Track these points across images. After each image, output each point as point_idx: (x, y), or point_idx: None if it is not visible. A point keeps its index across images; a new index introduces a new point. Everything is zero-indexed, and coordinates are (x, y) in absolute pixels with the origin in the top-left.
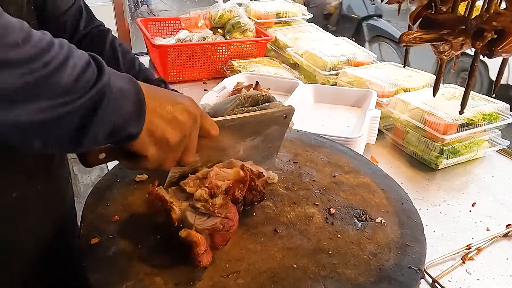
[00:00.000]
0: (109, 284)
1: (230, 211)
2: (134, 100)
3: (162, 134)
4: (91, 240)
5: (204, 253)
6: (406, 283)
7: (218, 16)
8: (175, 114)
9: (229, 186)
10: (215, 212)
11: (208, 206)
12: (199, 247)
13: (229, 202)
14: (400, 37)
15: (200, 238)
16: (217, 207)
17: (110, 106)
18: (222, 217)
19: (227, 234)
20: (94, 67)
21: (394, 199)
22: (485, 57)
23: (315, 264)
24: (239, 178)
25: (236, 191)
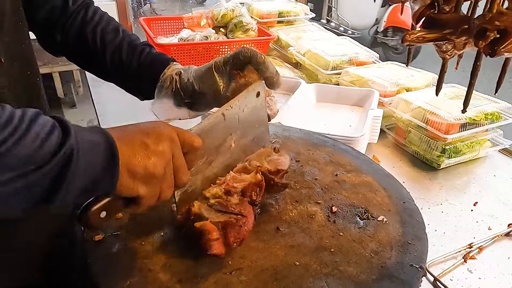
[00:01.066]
0: (113, 280)
1: (245, 209)
2: (105, 154)
3: (145, 170)
4: (95, 237)
5: (215, 241)
6: (408, 281)
7: (221, 15)
8: (150, 145)
9: (246, 187)
10: (229, 206)
11: (222, 202)
12: (211, 233)
13: (245, 202)
14: (404, 36)
15: (213, 228)
16: (231, 203)
17: (79, 167)
18: (236, 213)
19: (241, 230)
20: (59, 131)
21: (396, 198)
22: (488, 56)
23: (317, 262)
24: (255, 181)
25: (253, 194)
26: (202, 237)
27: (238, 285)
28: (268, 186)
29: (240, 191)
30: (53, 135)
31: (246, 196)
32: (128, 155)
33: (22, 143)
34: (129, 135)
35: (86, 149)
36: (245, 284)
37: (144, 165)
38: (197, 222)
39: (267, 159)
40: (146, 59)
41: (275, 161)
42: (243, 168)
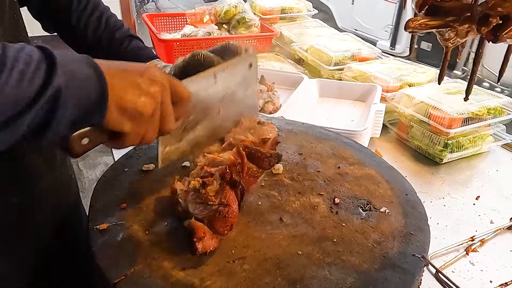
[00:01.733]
0: (117, 268)
1: (226, 197)
2: (94, 89)
3: (134, 108)
4: (99, 226)
5: (200, 240)
6: (410, 270)
7: (224, 11)
8: (142, 85)
9: (224, 171)
10: (208, 200)
11: (201, 196)
12: (196, 234)
13: (224, 188)
14: (406, 23)
15: (198, 226)
16: (210, 195)
17: (66, 105)
18: (217, 204)
19: (227, 220)
20: (44, 69)
21: (398, 190)
22: (490, 42)
23: (320, 252)
24: (231, 163)
25: (233, 175)
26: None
27: (241, 273)
28: (257, 160)
29: (218, 176)
30: (39, 72)
31: (226, 178)
32: (118, 90)
33: (8, 84)
34: (121, 71)
35: (74, 86)
36: (248, 272)
37: (134, 102)
38: (186, 219)
39: (251, 131)
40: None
41: (259, 131)
42: (228, 145)
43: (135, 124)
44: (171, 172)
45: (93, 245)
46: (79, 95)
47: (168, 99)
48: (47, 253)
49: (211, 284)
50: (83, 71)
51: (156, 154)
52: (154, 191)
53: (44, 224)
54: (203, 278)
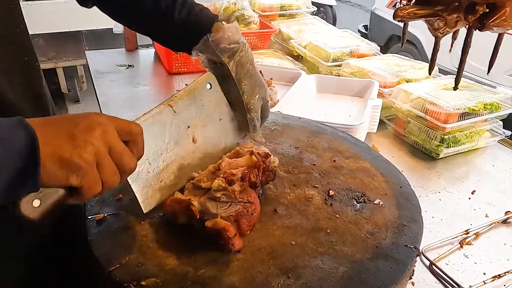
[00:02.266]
0: (112, 256)
1: (250, 196)
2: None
3: (71, 160)
4: (96, 217)
5: (235, 236)
6: (402, 260)
7: (223, 8)
8: (77, 135)
9: (244, 172)
10: (237, 197)
11: (228, 194)
12: (229, 231)
13: (247, 187)
14: (395, 12)
15: (228, 224)
16: (237, 193)
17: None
18: (244, 202)
19: (252, 217)
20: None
21: (393, 182)
22: (477, 30)
23: (313, 242)
24: (252, 163)
25: (252, 176)
26: (220, 237)
27: (235, 262)
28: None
29: (239, 177)
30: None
31: (245, 180)
32: (51, 146)
33: None
34: (55, 126)
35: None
36: (242, 261)
37: (70, 154)
38: (207, 220)
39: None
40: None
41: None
42: (234, 154)
43: (82, 174)
44: None
45: (89, 235)
46: (8, 160)
47: (115, 139)
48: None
49: (205, 272)
50: (12, 135)
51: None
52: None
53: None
54: (197, 267)
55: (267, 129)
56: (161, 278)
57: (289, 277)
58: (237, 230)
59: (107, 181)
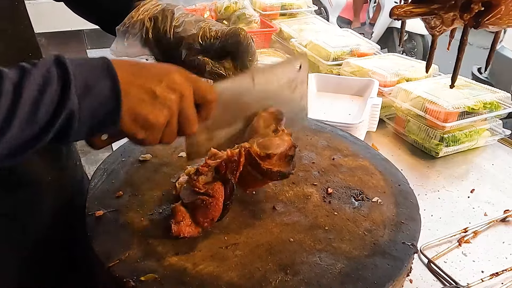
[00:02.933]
0: (112, 252)
1: (213, 189)
2: (109, 99)
3: (146, 120)
4: (95, 213)
5: (177, 224)
6: (399, 257)
7: (224, 7)
8: (158, 95)
9: (219, 164)
10: (195, 187)
11: (190, 182)
12: (176, 217)
13: (215, 181)
14: (391, 10)
15: (180, 210)
16: (198, 183)
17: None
18: (202, 192)
19: (208, 212)
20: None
21: (391, 181)
22: (473, 28)
23: (311, 239)
24: (229, 157)
25: (228, 171)
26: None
27: (233, 259)
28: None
29: (213, 168)
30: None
31: (220, 173)
32: (132, 102)
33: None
34: (138, 77)
35: (88, 103)
36: (240, 257)
37: (146, 114)
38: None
39: (259, 141)
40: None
41: (267, 143)
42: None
43: (149, 132)
44: (167, 162)
45: (89, 231)
46: (93, 110)
47: (189, 105)
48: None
49: (203, 268)
50: (98, 83)
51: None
52: (150, 180)
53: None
54: (195, 262)
55: None
56: (160, 273)
57: (287, 273)
58: (194, 220)
59: (166, 139)
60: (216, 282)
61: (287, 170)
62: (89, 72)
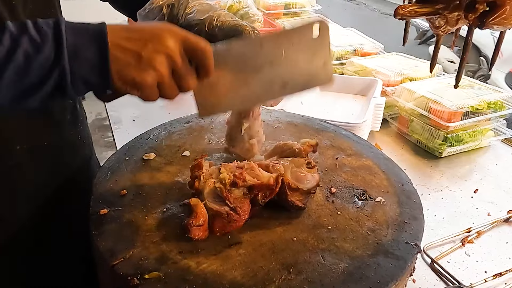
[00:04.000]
0: (116, 250)
1: (242, 207)
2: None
3: (133, 80)
4: (100, 211)
5: (197, 227)
6: (402, 256)
7: (227, 6)
8: (144, 58)
9: (255, 185)
10: (226, 198)
11: (223, 190)
12: (196, 219)
13: (246, 198)
14: (396, 10)
15: (203, 213)
16: (230, 195)
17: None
18: (230, 207)
19: (227, 225)
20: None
21: (394, 180)
22: (478, 28)
23: (315, 238)
24: (267, 184)
25: (260, 194)
26: (188, 216)
27: (236, 257)
28: (280, 199)
29: (248, 186)
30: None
31: (252, 193)
32: (120, 65)
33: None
34: (128, 43)
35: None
36: (243, 256)
37: (132, 76)
38: (194, 198)
39: (293, 169)
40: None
41: (299, 175)
42: (265, 166)
43: (142, 91)
44: (171, 161)
45: (93, 229)
46: (83, 73)
47: (178, 63)
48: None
49: (207, 267)
50: (88, 48)
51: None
52: (154, 179)
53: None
54: (199, 261)
55: (270, 126)
56: (164, 271)
57: (290, 272)
58: (209, 225)
59: (166, 96)
60: (220, 280)
61: (304, 205)
62: (81, 37)
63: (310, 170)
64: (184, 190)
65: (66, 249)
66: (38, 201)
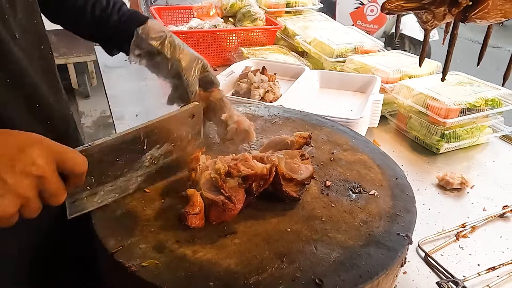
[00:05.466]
0: (115, 239)
1: (236, 196)
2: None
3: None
4: None
5: (194, 215)
6: (393, 247)
7: (230, 5)
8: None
9: (250, 175)
10: (222, 187)
11: (218, 180)
12: (193, 207)
13: (241, 188)
14: (383, 4)
15: (199, 202)
16: (225, 185)
17: None
18: (226, 196)
19: (223, 214)
20: None
21: (389, 174)
22: (461, 22)
23: (308, 229)
24: (261, 174)
25: (254, 184)
26: (185, 205)
27: (231, 247)
28: (276, 190)
29: (242, 176)
30: None
31: (247, 183)
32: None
33: None
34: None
35: None
36: (238, 246)
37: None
38: (191, 188)
39: (287, 160)
40: (125, 13)
41: (293, 166)
42: (260, 158)
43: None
44: None
45: (93, 218)
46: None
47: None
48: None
49: (202, 255)
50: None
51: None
52: None
53: None
54: (195, 250)
55: (268, 122)
56: (161, 259)
57: (283, 261)
58: (205, 214)
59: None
60: (215, 268)
61: (299, 196)
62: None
63: (304, 162)
64: (181, 183)
65: (65, 246)
66: None
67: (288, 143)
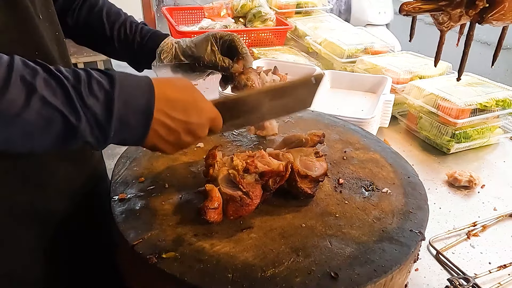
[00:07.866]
0: (135, 232)
1: (254, 191)
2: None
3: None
4: (119, 195)
5: (213, 209)
6: (406, 243)
7: (240, 5)
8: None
9: (266, 172)
10: (240, 183)
11: (236, 176)
12: (212, 202)
13: (258, 184)
14: (401, 6)
15: (217, 197)
16: (243, 181)
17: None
18: (243, 191)
19: (240, 209)
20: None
21: (401, 173)
22: (478, 24)
23: (322, 225)
24: (277, 171)
25: (271, 180)
26: (204, 200)
27: (248, 241)
28: (290, 186)
29: (259, 172)
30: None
31: (263, 179)
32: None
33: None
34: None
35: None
36: (254, 240)
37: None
38: (209, 184)
39: (302, 158)
40: (147, 33)
41: (308, 163)
42: (275, 155)
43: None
44: (186, 152)
45: (113, 212)
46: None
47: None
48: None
49: (220, 248)
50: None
51: None
52: (170, 168)
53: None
54: (213, 243)
55: (281, 121)
56: (180, 252)
57: (299, 255)
58: (223, 209)
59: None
60: (232, 261)
61: (313, 193)
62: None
63: (319, 159)
64: (198, 179)
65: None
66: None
67: (302, 141)
